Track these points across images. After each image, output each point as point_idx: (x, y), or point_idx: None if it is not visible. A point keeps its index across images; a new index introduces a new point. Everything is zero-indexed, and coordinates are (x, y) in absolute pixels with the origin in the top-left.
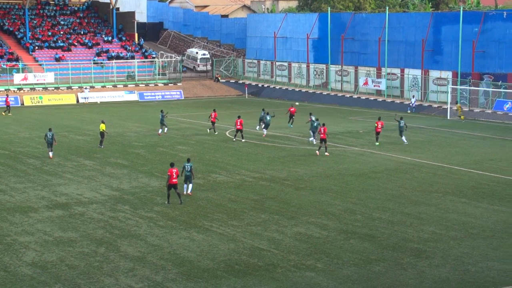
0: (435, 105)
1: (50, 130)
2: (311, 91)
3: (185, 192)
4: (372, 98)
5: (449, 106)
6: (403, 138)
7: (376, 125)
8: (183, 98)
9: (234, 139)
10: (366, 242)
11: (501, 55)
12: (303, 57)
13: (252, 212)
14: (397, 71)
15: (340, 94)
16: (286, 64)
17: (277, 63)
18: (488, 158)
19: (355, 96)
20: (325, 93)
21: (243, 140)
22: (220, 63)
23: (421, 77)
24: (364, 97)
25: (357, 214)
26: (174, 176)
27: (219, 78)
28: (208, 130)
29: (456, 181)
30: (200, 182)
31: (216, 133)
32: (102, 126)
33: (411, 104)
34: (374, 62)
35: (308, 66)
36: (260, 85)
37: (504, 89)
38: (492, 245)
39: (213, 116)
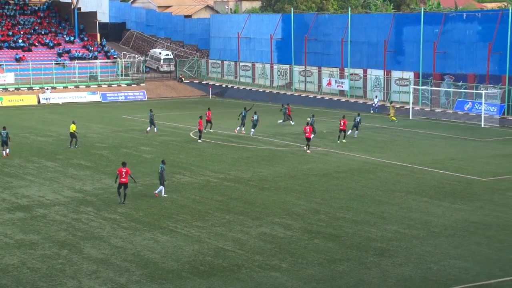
0: (398, 105)
1: (4, 128)
2: (275, 92)
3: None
4: (335, 99)
5: (411, 106)
6: (356, 132)
7: (340, 123)
8: (146, 98)
9: (199, 140)
10: (330, 242)
11: (461, 56)
12: (267, 57)
13: (216, 213)
14: (359, 71)
15: (303, 95)
16: (250, 64)
17: (241, 64)
18: (450, 157)
19: (319, 97)
20: (288, 93)
21: (199, 140)
22: (184, 64)
23: (384, 77)
24: (327, 98)
25: (321, 214)
26: (123, 175)
27: (183, 78)
28: (205, 130)
29: (418, 180)
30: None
31: (212, 130)
32: (73, 127)
33: (373, 104)
34: (337, 62)
35: (272, 67)
36: (224, 85)
37: (465, 89)
38: (454, 243)
39: (207, 115)
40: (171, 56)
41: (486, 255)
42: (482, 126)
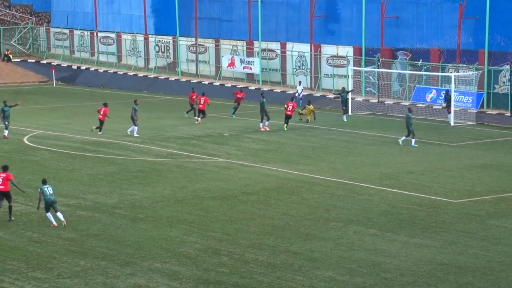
0: (331, 95)
1: None
2: (152, 76)
3: (63, 221)
4: (241, 85)
5: (350, 96)
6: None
7: (286, 106)
8: None
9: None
10: None
11: (420, 23)
12: (139, 25)
13: (66, 257)
14: (276, 46)
15: (194, 80)
16: (113, 36)
17: (100, 35)
18: (407, 170)
19: (217, 83)
20: (172, 78)
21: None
22: (12, 34)
23: (311, 55)
24: (229, 84)
25: (223, 256)
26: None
27: (11, 56)
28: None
29: (362, 204)
30: None
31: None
32: None
33: (297, 94)
34: (243, 33)
35: (146, 39)
36: (75, 67)
37: (426, 71)
38: None
39: (101, 114)
40: None
41: None
42: (452, 124)
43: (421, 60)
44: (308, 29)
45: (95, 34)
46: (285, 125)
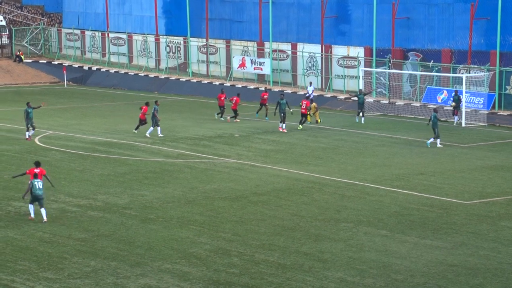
0: (342, 96)
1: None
2: (162, 77)
3: (44, 219)
4: (252, 87)
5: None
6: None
7: (301, 104)
8: None
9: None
10: None
11: (432, 24)
12: (150, 26)
13: (76, 257)
14: (287, 47)
15: (205, 81)
16: (124, 36)
17: (111, 36)
18: (417, 171)
19: (227, 84)
20: (183, 79)
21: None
22: (23, 35)
23: (321, 55)
24: (240, 85)
25: (233, 256)
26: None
27: (22, 56)
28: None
29: (372, 205)
30: None
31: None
32: None
33: (307, 95)
34: (254, 34)
35: (157, 40)
36: (86, 67)
37: (437, 72)
38: None
39: (142, 112)
40: (3, 23)
41: None
42: (463, 125)
43: (432, 61)
44: (319, 29)
45: (106, 35)
46: (300, 124)
